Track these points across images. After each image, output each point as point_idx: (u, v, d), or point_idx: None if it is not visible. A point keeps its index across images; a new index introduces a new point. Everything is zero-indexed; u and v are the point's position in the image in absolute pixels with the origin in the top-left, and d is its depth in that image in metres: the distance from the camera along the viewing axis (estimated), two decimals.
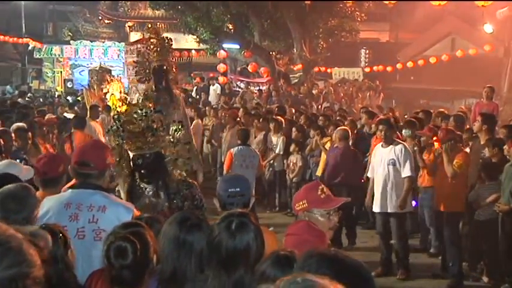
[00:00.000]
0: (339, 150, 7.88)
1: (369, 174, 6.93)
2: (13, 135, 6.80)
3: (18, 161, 5.20)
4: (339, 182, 7.65)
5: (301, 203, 2.93)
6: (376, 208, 6.64)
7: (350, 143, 8.07)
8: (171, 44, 8.51)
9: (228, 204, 3.06)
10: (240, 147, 7.94)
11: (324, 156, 8.67)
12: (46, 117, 10.19)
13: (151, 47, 8.23)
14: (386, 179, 6.44)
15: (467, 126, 8.63)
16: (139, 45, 12.41)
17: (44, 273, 1.64)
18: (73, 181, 3.35)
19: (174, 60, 8.86)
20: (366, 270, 1.67)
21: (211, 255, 2.32)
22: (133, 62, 9.75)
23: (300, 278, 1.34)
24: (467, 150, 6.79)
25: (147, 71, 8.22)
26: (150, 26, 10.16)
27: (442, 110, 10.07)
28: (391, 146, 6.47)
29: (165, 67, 8.13)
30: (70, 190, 3.14)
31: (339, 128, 8.21)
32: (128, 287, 2.32)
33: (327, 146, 8.66)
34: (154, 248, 2.39)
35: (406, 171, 6.37)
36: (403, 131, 7.79)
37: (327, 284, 1.26)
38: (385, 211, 6.53)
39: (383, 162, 6.49)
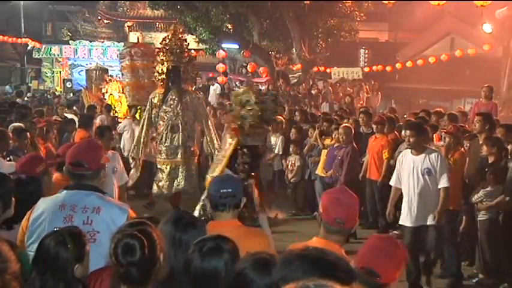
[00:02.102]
0: (348, 147, 7.88)
1: (392, 183, 6.34)
2: (11, 135, 6.78)
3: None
4: (352, 179, 7.69)
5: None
6: (407, 221, 6.00)
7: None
8: (187, 45, 8.82)
9: (219, 205, 3.04)
10: None
11: (324, 155, 8.66)
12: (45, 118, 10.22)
13: (166, 47, 8.52)
14: (422, 189, 5.87)
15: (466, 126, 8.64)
16: (136, 49, 12.35)
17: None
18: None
19: (189, 60, 9.01)
20: (346, 262, 1.76)
21: (184, 273, 2.34)
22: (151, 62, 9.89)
23: (312, 283, 1.35)
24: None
25: (161, 71, 8.56)
26: (173, 26, 10.32)
27: (438, 109, 10.10)
28: (424, 154, 5.87)
29: (178, 68, 8.44)
30: (65, 191, 3.11)
31: (343, 125, 8.20)
32: (135, 285, 2.32)
33: (327, 142, 8.68)
34: (161, 247, 2.38)
35: (443, 182, 5.83)
36: (403, 132, 7.78)
37: None
38: (420, 224, 5.96)
39: (415, 171, 5.89)
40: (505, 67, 16.86)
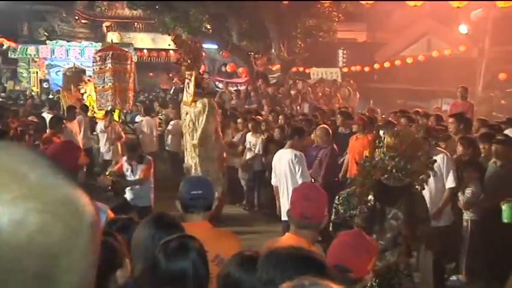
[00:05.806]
0: (327, 148, 7.86)
1: None
2: None
3: None
4: (333, 180, 7.75)
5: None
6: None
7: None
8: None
9: (190, 207, 2.97)
10: None
11: None
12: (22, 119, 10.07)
13: (191, 55, 8.60)
14: (431, 191, 5.74)
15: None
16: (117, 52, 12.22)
17: None
18: None
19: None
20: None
21: (150, 277, 2.25)
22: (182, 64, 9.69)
23: (307, 281, 1.38)
24: None
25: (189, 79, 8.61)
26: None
27: (417, 109, 10.23)
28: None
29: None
30: None
31: (320, 126, 8.20)
32: None
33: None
34: (118, 261, 2.29)
35: (449, 182, 5.82)
36: (380, 131, 7.83)
37: (331, 285, 1.30)
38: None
39: None
40: (480, 67, 17.17)
